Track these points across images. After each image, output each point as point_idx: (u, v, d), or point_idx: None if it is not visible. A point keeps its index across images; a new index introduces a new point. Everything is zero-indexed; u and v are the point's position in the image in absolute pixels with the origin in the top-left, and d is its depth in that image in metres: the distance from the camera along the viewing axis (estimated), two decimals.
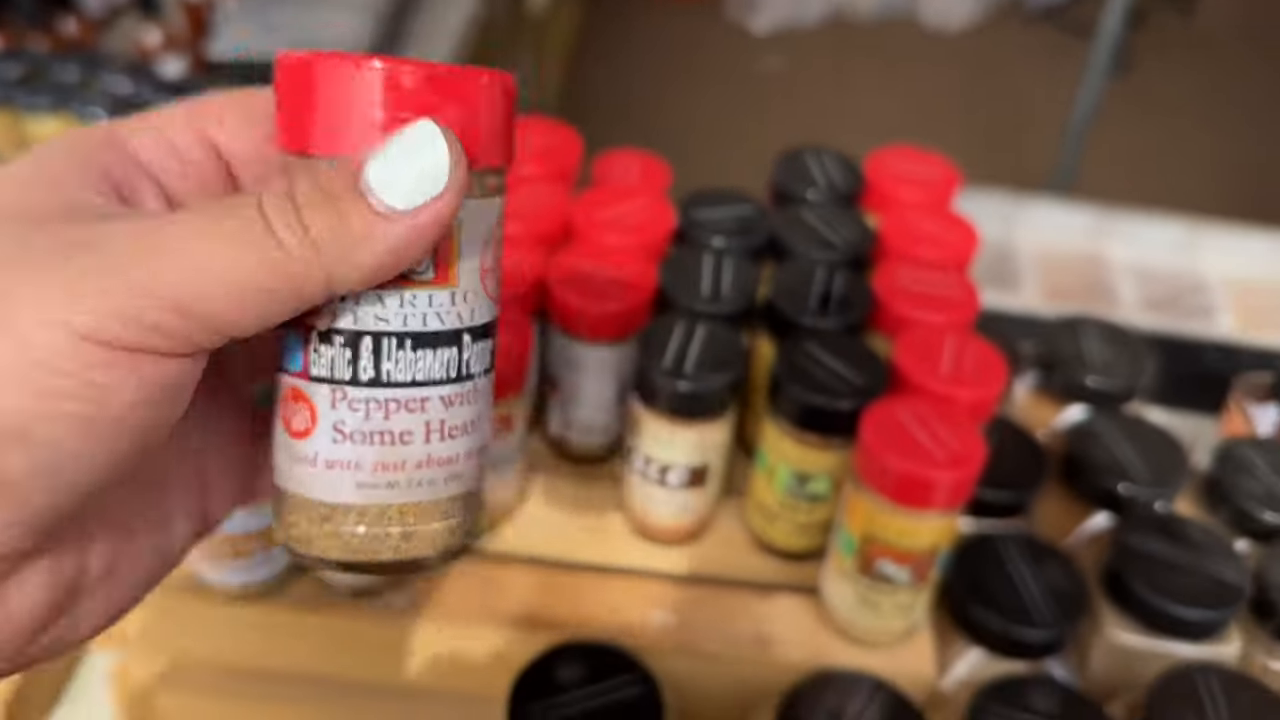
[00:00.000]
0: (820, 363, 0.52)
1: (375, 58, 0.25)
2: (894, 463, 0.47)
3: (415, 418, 0.26)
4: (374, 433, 0.26)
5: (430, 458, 0.26)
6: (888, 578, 0.51)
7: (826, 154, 0.66)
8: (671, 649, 0.53)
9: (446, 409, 0.26)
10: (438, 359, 0.26)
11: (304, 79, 0.25)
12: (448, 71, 0.25)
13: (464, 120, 0.25)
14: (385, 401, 0.26)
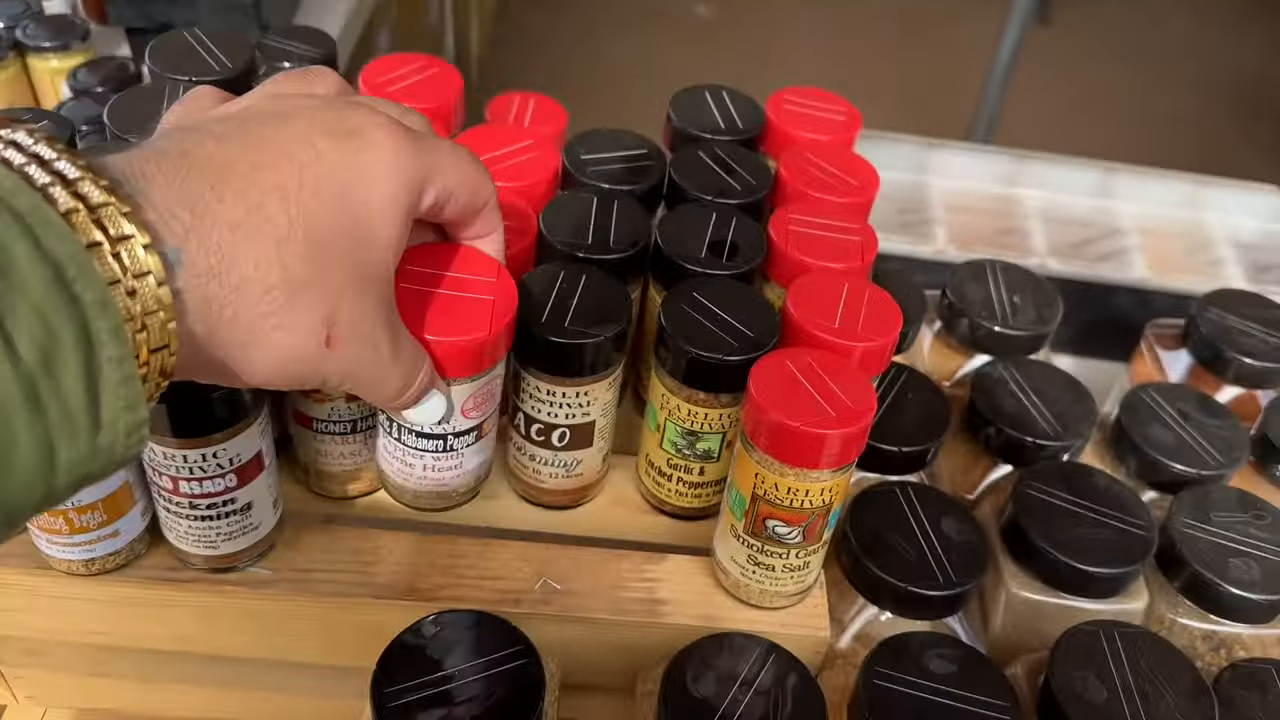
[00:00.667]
0: (708, 313, 0.49)
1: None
2: (781, 420, 0.44)
3: None
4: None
5: None
6: (778, 538, 0.48)
7: (728, 92, 0.63)
8: (557, 615, 0.50)
9: None
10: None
11: None
12: None
13: None
14: None
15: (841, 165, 0.59)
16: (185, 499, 0.45)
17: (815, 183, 0.57)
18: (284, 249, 0.33)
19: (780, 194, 0.58)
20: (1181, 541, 0.56)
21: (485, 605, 0.50)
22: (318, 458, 0.52)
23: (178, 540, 0.48)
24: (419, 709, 0.44)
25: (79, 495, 0.44)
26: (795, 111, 0.62)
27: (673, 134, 0.61)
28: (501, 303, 0.45)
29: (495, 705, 0.44)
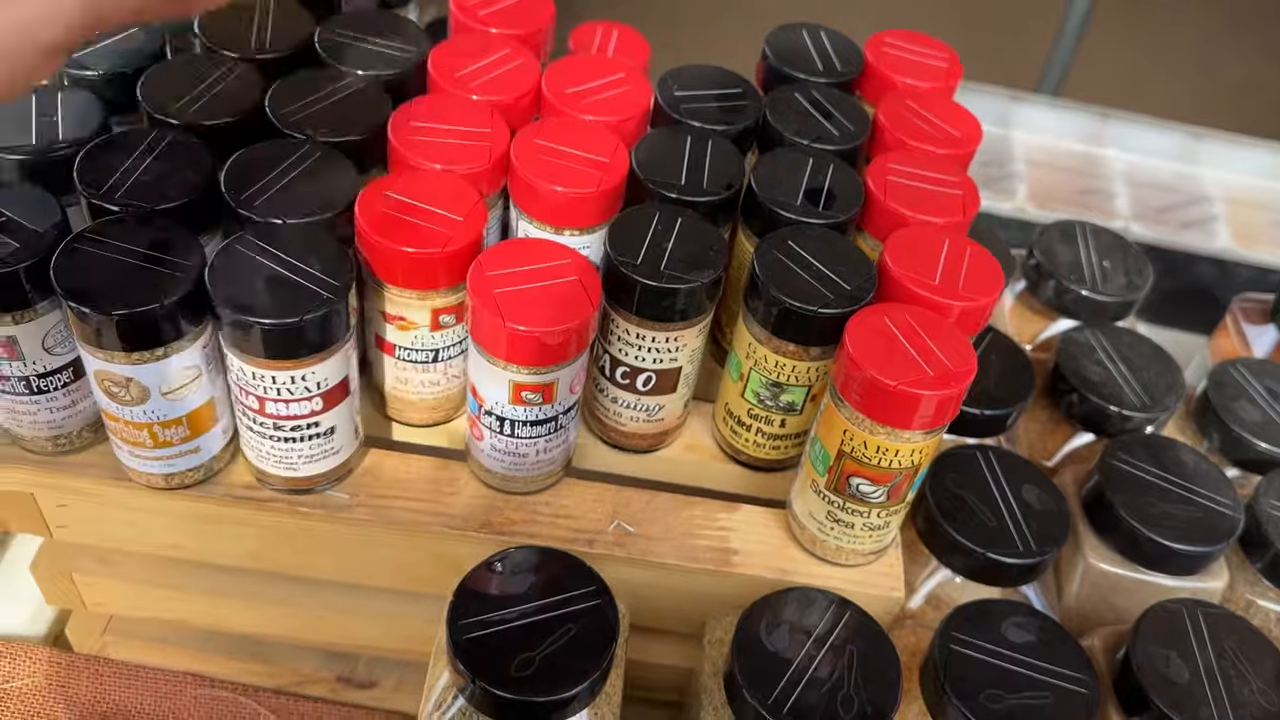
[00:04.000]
0: (803, 263, 0.47)
1: None
2: (877, 377, 0.43)
3: None
4: None
5: None
6: (862, 497, 0.47)
7: (825, 32, 0.61)
8: (629, 558, 0.50)
9: None
10: None
11: None
12: None
13: None
14: None
15: (942, 114, 0.57)
16: (270, 419, 0.45)
17: (916, 132, 0.55)
18: None
19: (878, 142, 0.56)
20: (1268, 522, 0.55)
21: (558, 543, 0.49)
22: (398, 385, 0.51)
23: (258, 460, 0.48)
24: (493, 641, 0.44)
25: (164, 409, 0.44)
26: (895, 56, 0.60)
27: (767, 72, 0.60)
28: (592, 286, 0.45)
29: (569, 643, 0.44)
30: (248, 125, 0.49)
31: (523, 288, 0.44)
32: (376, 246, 0.45)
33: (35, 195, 0.43)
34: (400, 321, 0.48)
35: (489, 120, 0.51)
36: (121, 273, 0.41)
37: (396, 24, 0.55)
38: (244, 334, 0.42)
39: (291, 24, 0.54)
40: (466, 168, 0.49)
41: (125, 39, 0.51)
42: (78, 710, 0.60)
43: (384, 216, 0.46)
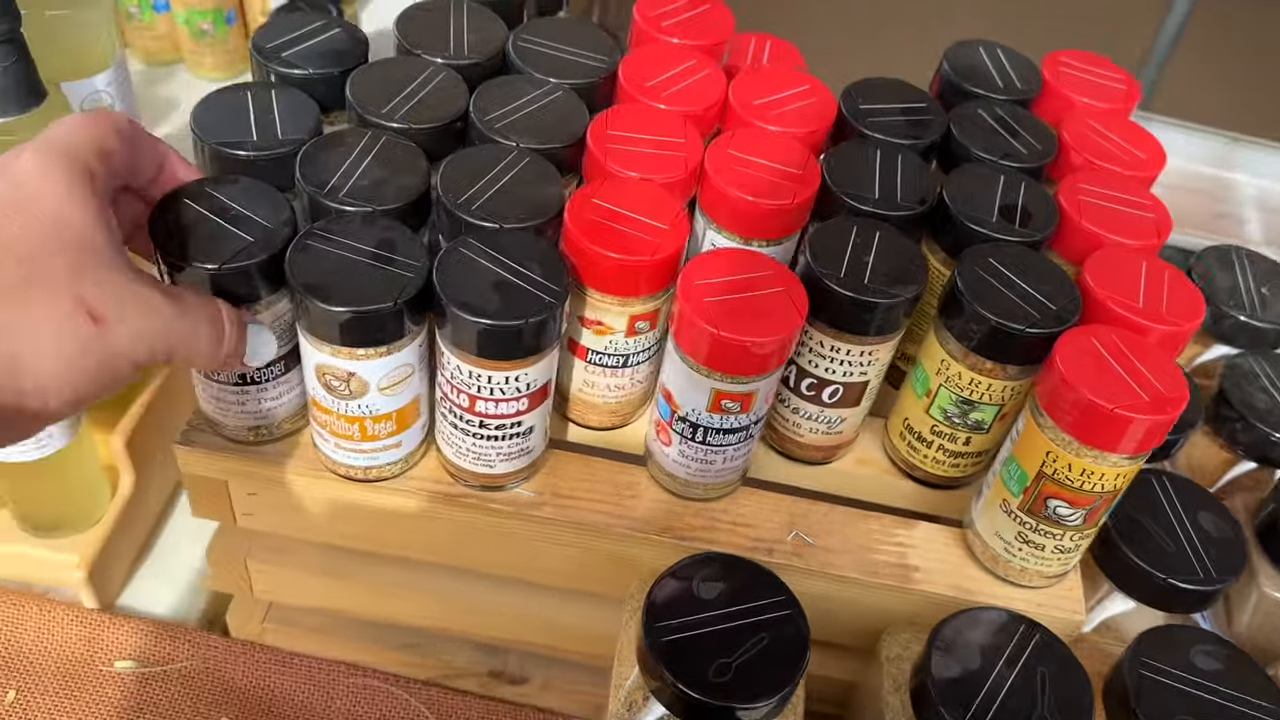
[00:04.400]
0: (1005, 280, 0.47)
1: None
2: (1090, 398, 0.43)
3: None
4: None
5: None
6: (1057, 519, 0.47)
7: (1001, 49, 0.61)
8: (808, 569, 0.50)
9: None
10: None
11: None
12: None
13: None
14: None
15: (1124, 135, 0.57)
16: (478, 417, 0.46)
17: (1101, 152, 0.55)
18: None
19: (1063, 162, 0.56)
20: None
21: (738, 551, 0.50)
22: (584, 388, 0.52)
23: (455, 456, 0.49)
24: (689, 646, 0.44)
25: (378, 404, 0.45)
26: (1073, 75, 0.60)
27: (945, 88, 0.60)
28: (799, 298, 0.46)
29: (762, 652, 0.44)
30: (453, 129, 0.50)
31: (731, 297, 0.45)
32: (585, 252, 0.46)
33: (262, 191, 0.44)
34: (597, 326, 0.49)
35: (683, 130, 0.51)
36: (352, 270, 0.42)
37: (586, 32, 0.56)
38: (467, 334, 0.42)
39: (486, 29, 0.54)
40: (665, 177, 0.49)
41: (329, 39, 0.52)
42: (234, 694, 0.62)
43: (591, 223, 0.46)
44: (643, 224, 0.47)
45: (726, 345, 0.44)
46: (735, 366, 0.45)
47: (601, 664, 0.61)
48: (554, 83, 0.53)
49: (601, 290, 0.47)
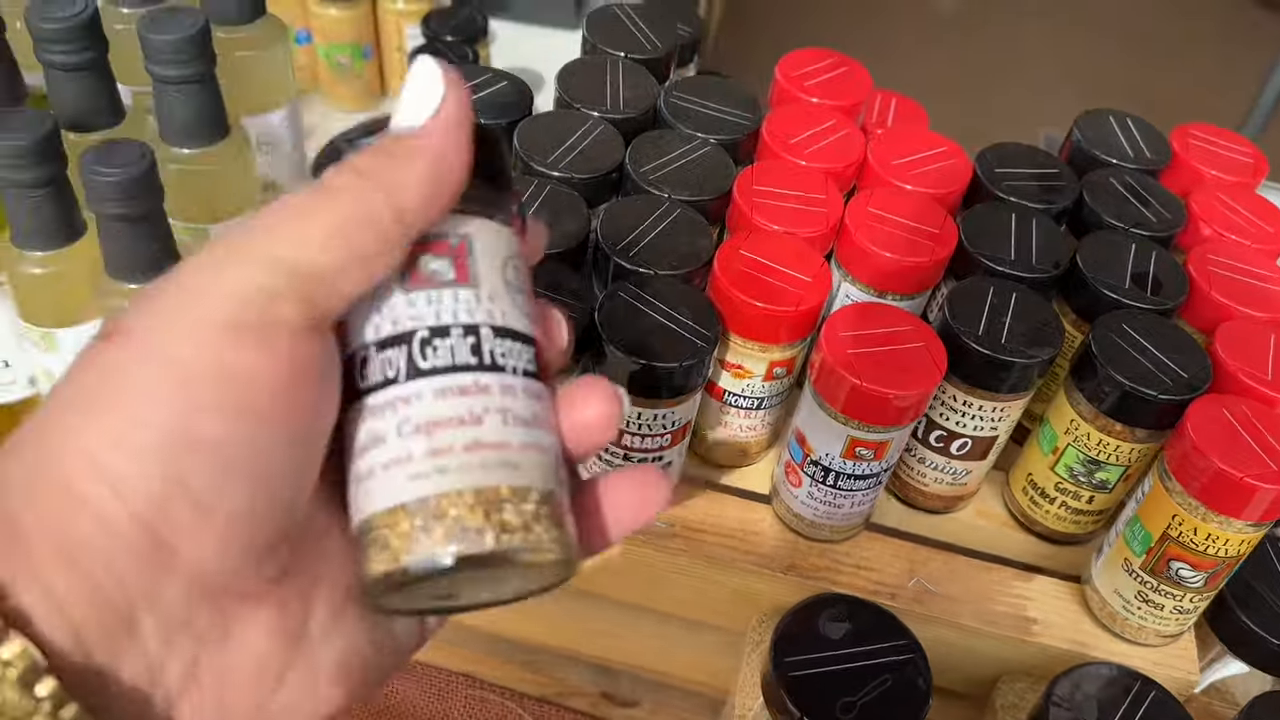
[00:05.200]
0: (1138, 346, 0.49)
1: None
2: (1218, 465, 0.44)
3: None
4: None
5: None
6: (1179, 580, 0.48)
7: (1131, 119, 0.62)
8: (928, 615, 0.52)
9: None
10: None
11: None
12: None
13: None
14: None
15: (1252, 208, 0.58)
16: (622, 450, 0.49)
17: (1229, 224, 0.57)
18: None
19: (1192, 232, 0.57)
20: None
21: (859, 593, 0.52)
22: (717, 427, 0.54)
23: None
24: (815, 683, 0.46)
25: None
26: (1202, 148, 0.61)
27: (1075, 154, 0.61)
28: (938, 353, 0.48)
29: (885, 694, 0.46)
30: (609, 179, 0.53)
31: (873, 350, 0.47)
32: (731, 300, 0.49)
33: None
34: (737, 370, 0.51)
35: (824, 187, 0.54)
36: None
37: (732, 90, 0.59)
38: (624, 373, 0.45)
39: (640, 85, 0.58)
40: (808, 232, 0.52)
41: (498, 91, 0.56)
42: None
43: (739, 273, 0.49)
44: (787, 275, 0.49)
45: (867, 396, 0.46)
46: (873, 416, 0.47)
47: (711, 693, 0.64)
48: (702, 138, 0.55)
49: (745, 336, 0.50)
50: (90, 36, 0.52)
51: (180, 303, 0.24)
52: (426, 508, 0.25)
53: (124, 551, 0.22)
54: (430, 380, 0.26)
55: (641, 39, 0.61)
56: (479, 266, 0.27)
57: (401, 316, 0.26)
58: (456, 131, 0.26)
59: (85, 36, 0.52)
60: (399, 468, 0.26)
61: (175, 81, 0.53)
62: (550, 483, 0.27)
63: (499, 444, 0.26)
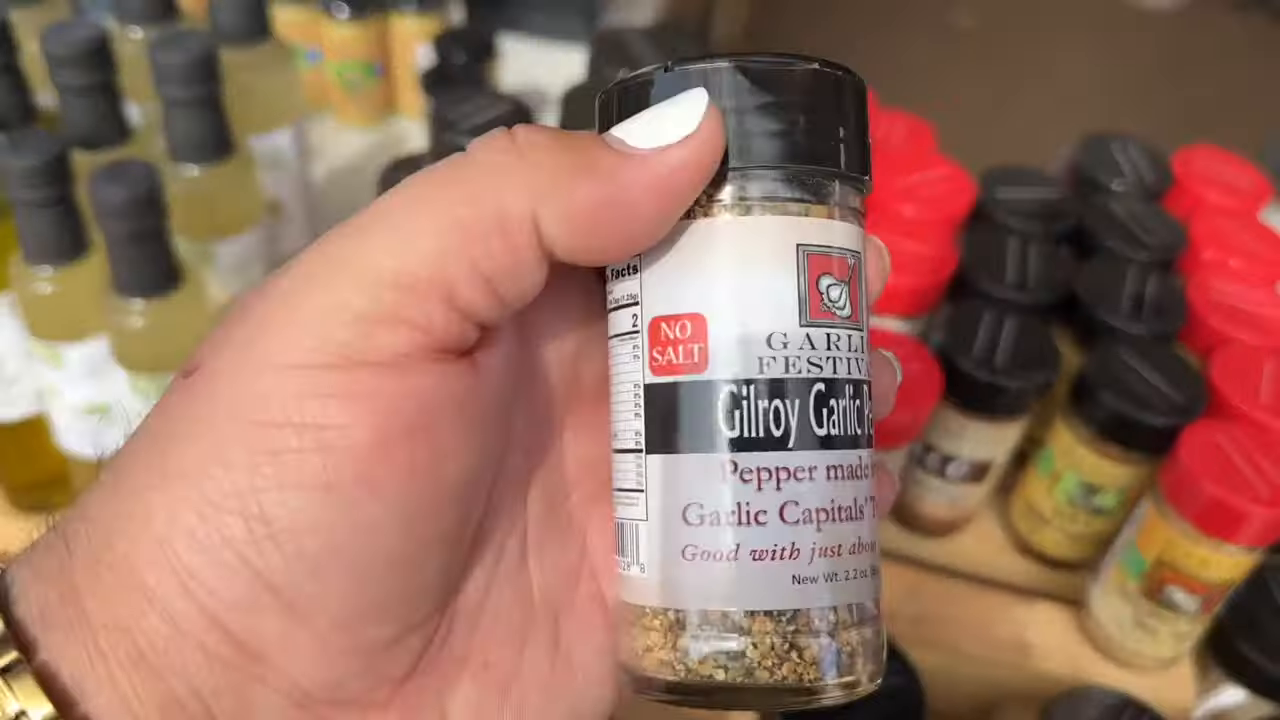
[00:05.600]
0: (1134, 372, 0.49)
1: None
2: (1211, 489, 0.44)
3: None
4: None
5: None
6: (1174, 605, 0.48)
7: (1132, 143, 0.63)
8: (926, 641, 0.52)
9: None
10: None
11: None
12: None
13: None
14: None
15: (1254, 234, 0.58)
16: None
17: (1231, 250, 0.57)
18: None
19: (1192, 257, 0.57)
20: None
21: None
22: None
23: None
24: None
25: None
26: (1204, 172, 0.62)
27: (1077, 178, 0.61)
28: (934, 377, 0.48)
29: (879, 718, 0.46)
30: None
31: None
32: None
33: None
34: None
35: None
36: None
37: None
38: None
39: None
40: None
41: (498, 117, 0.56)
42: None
43: None
44: None
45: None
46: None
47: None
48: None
49: None
50: (100, 61, 0.53)
51: (254, 335, 0.19)
52: (798, 621, 0.21)
53: (200, 657, 0.19)
54: (825, 454, 0.21)
55: (648, 61, 0.61)
56: (863, 297, 0.23)
57: (797, 354, 0.21)
58: (678, 178, 0.20)
59: (95, 61, 0.53)
60: (777, 563, 0.21)
61: (182, 102, 0.54)
62: (878, 587, 0.23)
63: (871, 544, 0.23)
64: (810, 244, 0.22)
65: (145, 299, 0.52)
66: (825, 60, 0.22)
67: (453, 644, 0.22)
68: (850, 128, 0.22)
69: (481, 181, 0.20)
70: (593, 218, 0.20)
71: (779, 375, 0.21)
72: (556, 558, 0.24)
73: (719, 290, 0.22)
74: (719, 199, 0.22)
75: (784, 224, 0.22)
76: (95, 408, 0.56)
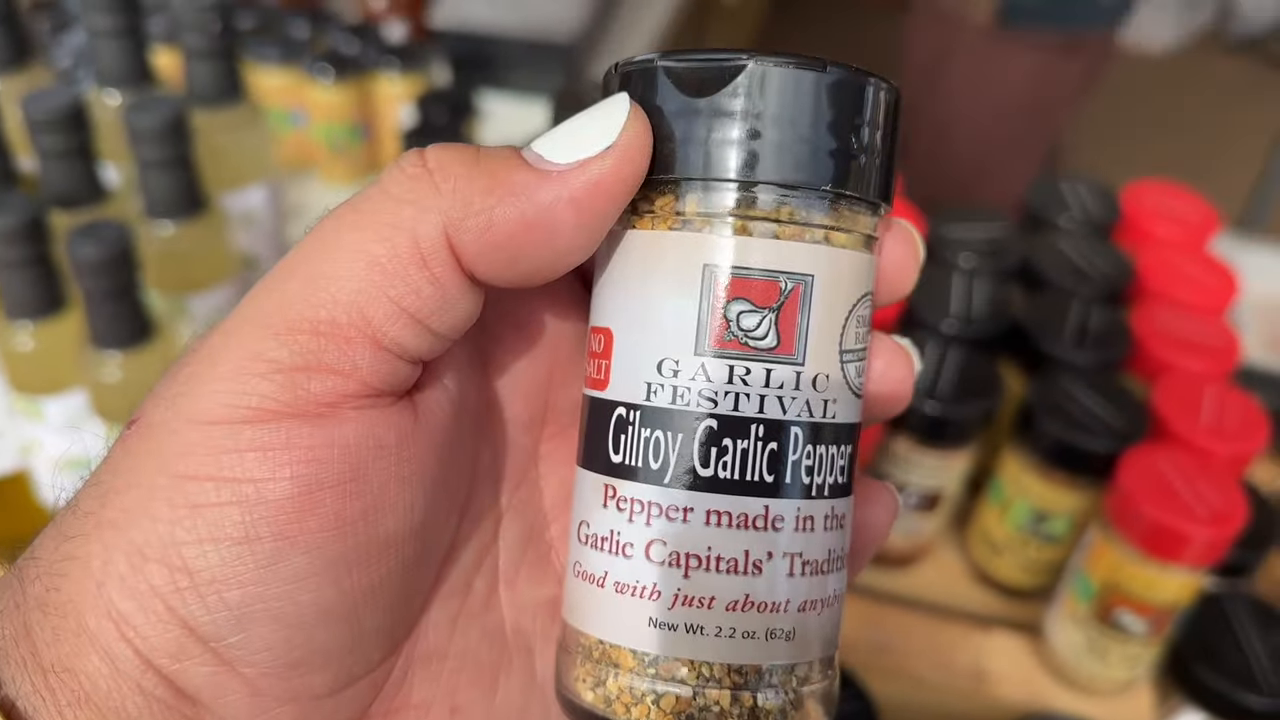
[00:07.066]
0: (1076, 400, 0.50)
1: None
2: (1152, 512, 0.45)
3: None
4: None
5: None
6: (1124, 628, 0.49)
7: (1082, 181, 0.64)
8: (885, 671, 0.53)
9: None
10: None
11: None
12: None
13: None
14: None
15: (1200, 265, 0.60)
16: None
17: (1176, 282, 0.58)
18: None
19: (1139, 289, 0.59)
20: None
21: None
22: None
23: None
24: None
25: None
26: (1153, 207, 0.63)
27: (1025, 215, 0.63)
28: None
29: None
30: None
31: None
32: None
33: None
34: None
35: None
36: None
37: None
38: None
39: None
40: None
41: None
42: None
43: None
44: None
45: None
46: None
47: None
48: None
49: None
50: (76, 125, 0.55)
51: (182, 390, 0.19)
52: (659, 666, 0.20)
53: (140, 699, 0.19)
54: (707, 497, 0.20)
55: None
56: (812, 326, 0.20)
57: (689, 389, 0.20)
58: (594, 195, 0.19)
59: (72, 125, 0.55)
60: (635, 600, 0.20)
61: (155, 162, 0.56)
62: (831, 645, 0.21)
63: (774, 605, 0.20)
64: (720, 264, 0.20)
65: (121, 351, 0.53)
66: (771, 53, 0.20)
67: (412, 690, 0.22)
68: (796, 129, 0.20)
69: (393, 214, 0.19)
70: (513, 240, 0.19)
71: (664, 405, 0.20)
72: (533, 590, 0.24)
73: (625, 307, 0.21)
74: (644, 208, 0.21)
75: (691, 241, 0.20)
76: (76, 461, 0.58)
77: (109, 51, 0.61)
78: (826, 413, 0.20)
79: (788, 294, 0.19)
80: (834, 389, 0.20)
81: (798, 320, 0.20)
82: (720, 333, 0.19)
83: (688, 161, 0.20)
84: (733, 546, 0.19)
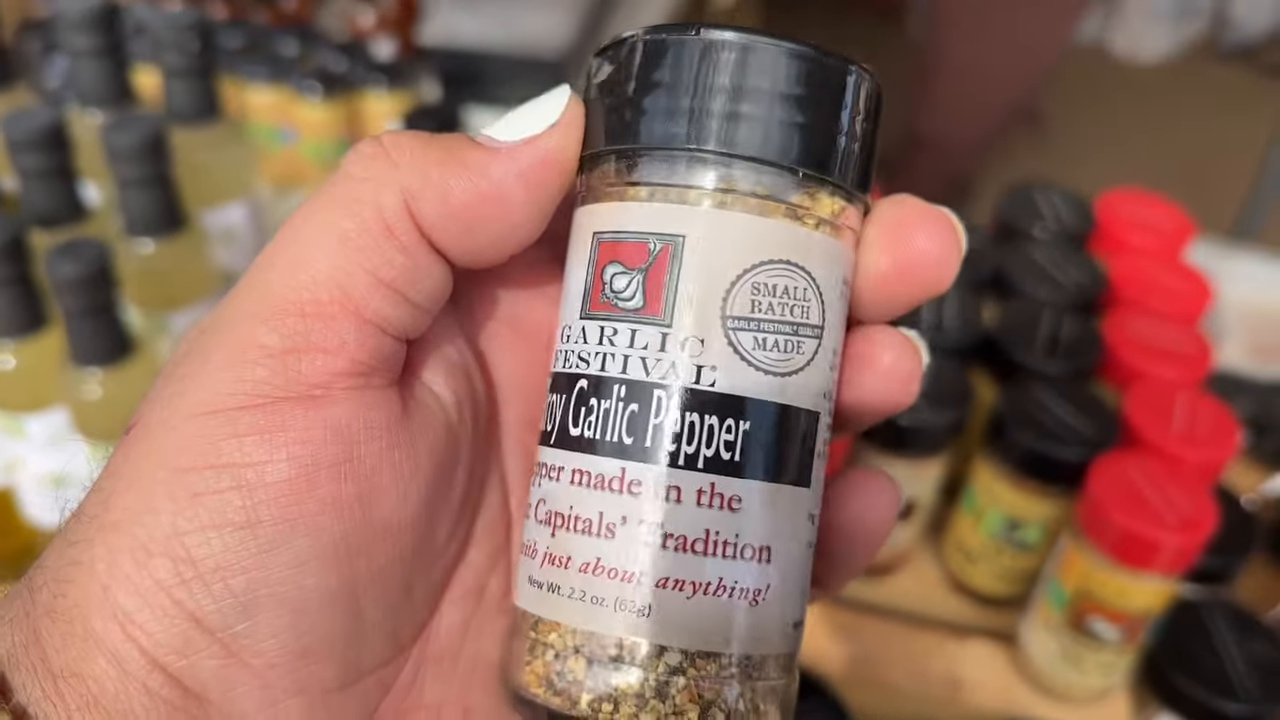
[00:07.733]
0: (1047, 408, 0.50)
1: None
2: (1121, 520, 0.46)
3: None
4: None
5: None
6: (1097, 635, 0.49)
7: (1056, 192, 0.65)
8: (860, 680, 0.53)
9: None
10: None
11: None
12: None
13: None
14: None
15: (1174, 273, 0.60)
16: None
17: (1149, 290, 0.58)
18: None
19: (1112, 297, 0.59)
20: None
21: None
22: None
23: None
24: None
25: None
26: (1125, 214, 0.64)
27: (999, 225, 0.64)
28: None
29: None
30: None
31: None
32: None
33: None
34: None
35: None
36: None
37: None
38: None
39: None
40: None
41: None
42: None
43: None
44: None
45: None
46: None
47: None
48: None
49: None
50: (56, 145, 0.56)
51: (178, 389, 0.20)
52: (537, 628, 0.20)
53: (147, 699, 0.19)
54: (574, 456, 0.20)
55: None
56: (681, 288, 0.19)
57: (571, 352, 0.20)
58: (539, 168, 0.21)
59: (52, 145, 0.56)
60: (525, 559, 0.21)
61: (134, 181, 0.56)
62: (719, 642, 0.20)
63: (626, 575, 0.19)
64: (604, 230, 0.20)
65: (101, 368, 0.54)
66: (666, 26, 0.20)
67: (424, 690, 0.22)
68: (674, 95, 0.20)
69: (356, 191, 0.20)
70: (468, 210, 0.20)
71: (559, 369, 0.20)
72: None
73: (565, 280, 0.22)
74: (578, 189, 0.22)
75: (587, 212, 0.21)
76: (58, 478, 0.58)
77: (89, 71, 0.61)
78: (701, 379, 0.19)
79: (656, 255, 0.19)
80: (714, 355, 0.19)
81: (664, 281, 0.19)
82: (596, 295, 0.20)
83: (594, 136, 0.21)
84: (590, 507, 0.19)
